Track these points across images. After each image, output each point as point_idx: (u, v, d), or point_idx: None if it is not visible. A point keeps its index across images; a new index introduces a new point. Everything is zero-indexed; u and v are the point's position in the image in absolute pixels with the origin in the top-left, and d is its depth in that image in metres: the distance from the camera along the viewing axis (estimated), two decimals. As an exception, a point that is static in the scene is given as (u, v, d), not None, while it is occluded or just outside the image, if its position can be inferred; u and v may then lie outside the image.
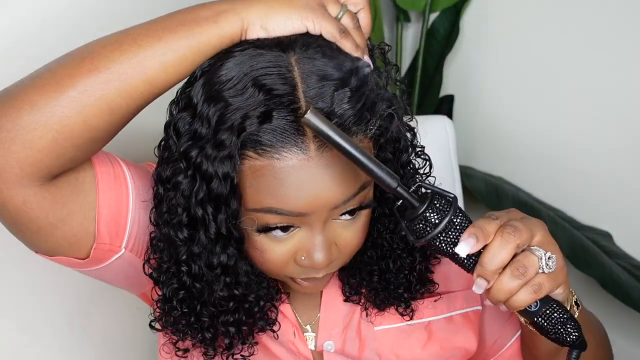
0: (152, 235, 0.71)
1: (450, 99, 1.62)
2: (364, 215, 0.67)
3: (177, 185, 0.64)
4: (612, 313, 1.44)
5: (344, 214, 0.65)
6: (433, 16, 1.58)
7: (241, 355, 0.74)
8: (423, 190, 0.61)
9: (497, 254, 0.56)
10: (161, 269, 0.70)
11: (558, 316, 0.59)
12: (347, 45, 0.64)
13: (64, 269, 0.73)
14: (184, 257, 0.67)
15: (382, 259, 0.75)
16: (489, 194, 1.44)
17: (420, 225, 0.57)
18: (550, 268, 0.58)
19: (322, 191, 0.61)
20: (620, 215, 1.44)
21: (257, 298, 0.72)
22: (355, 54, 0.65)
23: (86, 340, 1.00)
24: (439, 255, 0.73)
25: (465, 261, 0.58)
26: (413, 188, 0.60)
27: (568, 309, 0.62)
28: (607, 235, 1.43)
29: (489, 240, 0.57)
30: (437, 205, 0.57)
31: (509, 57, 1.54)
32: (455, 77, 1.64)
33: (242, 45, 0.63)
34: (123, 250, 0.71)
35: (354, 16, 0.67)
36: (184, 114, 0.63)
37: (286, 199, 0.61)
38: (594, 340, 0.71)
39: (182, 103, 0.65)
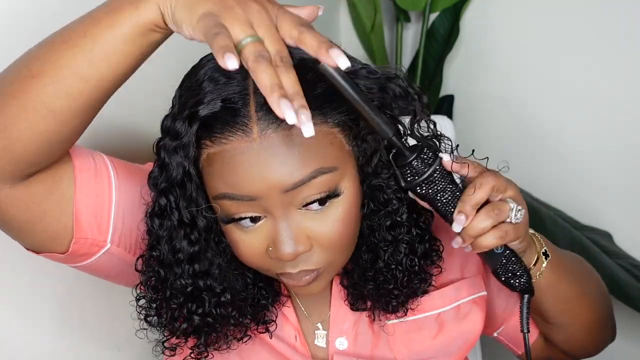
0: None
1: (450, 99, 1.62)
2: (339, 205, 0.66)
3: (150, 175, 0.68)
4: (612, 313, 1.44)
5: (312, 202, 0.64)
6: (433, 16, 1.58)
7: (212, 352, 0.75)
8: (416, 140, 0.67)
9: (476, 192, 0.65)
10: (142, 259, 0.72)
11: (512, 267, 0.70)
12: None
13: (67, 267, 0.74)
14: (154, 242, 0.70)
15: (375, 262, 0.74)
16: (489, 194, 1.44)
17: (408, 172, 0.65)
18: (518, 219, 0.66)
19: (268, 173, 0.61)
20: (620, 215, 1.44)
21: (223, 290, 0.72)
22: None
23: (87, 337, 1.00)
24: (424, 202, 0.71)
25: (445, 209, 0.66)
26: (405, 138, 0.66)
27: (534, 260, 0.73)
28: (607, 235, 1.43)
29: (473, 214, 0.65)
30: (424, 157, 0.64)
31: (509, 57, 1.54)
32: (455, 77, 1.64)
33: None
34: (109, 245, 0.71)
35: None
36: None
37: (235, 182, 0.62)
38: (577, 287, 0.78)
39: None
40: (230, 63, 0.50)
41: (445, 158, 0.65)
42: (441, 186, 0.65)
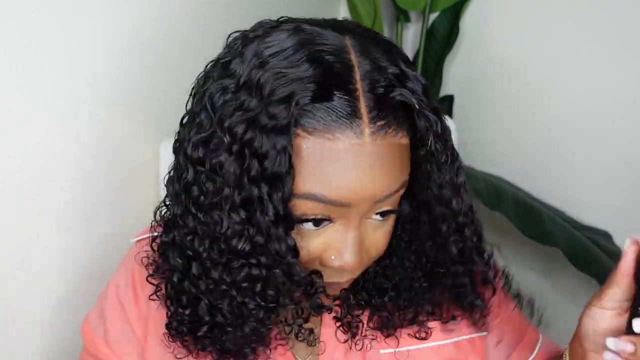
0: (177, 230, 0.62)
1: (450, 99, 1.62)
2: (392, 219, 0.63)
3: (220, 165, 0.56)
4: (612, 313, 1.43)
5: (377, 213, 0.60)
6: (433, 16, 1.58)
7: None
8: None
9: None
10: (216, 267, 0.59)
11: None
12: None
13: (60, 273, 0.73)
14: (247, 246, 0.57)
15: (401, 268, 0.70)
16: (489, 194, 1.44)
17: None
18: None
19: (369, 181, 0.56)
20: (620, 215, 1.44)
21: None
22: None
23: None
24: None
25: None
26: None
27: None
28: (607, 235, 1.43)
29: None
30: None
31: (509, 57, 1.54)
32: (455, 77, 1.64)
33: (290, 23, 0.60)
34: None
35: None
36: (224, 82, 0.57)
37: (332, 184, 0.55)
38: None
39: (218, 73, 0.59)
40: None
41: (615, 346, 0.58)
42: None
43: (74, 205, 0.92)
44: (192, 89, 0.63)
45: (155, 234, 0.69)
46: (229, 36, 0.63)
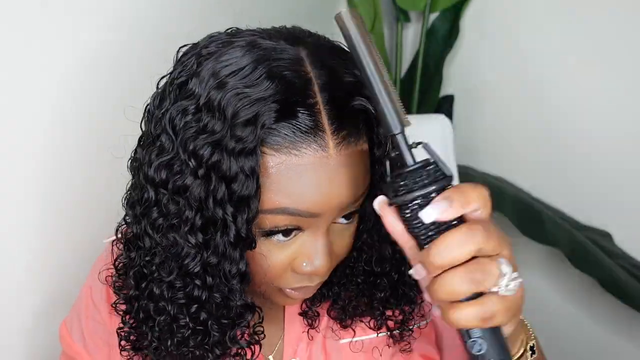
0: (136, 249, 0.64)
1: (450, 99, 1.62)
2: (355, 220, 0.65)
3: (185, 189, 0.57)
4: (612, 313, 1.44)
5: (343, 216, 0.62)
6: (433, 16, 1.58)
7: None
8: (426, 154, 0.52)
9: (453, 249, 0.46)
10: (161, 285, 0.62)
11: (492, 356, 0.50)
12: None
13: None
14: (197, 267, 0.59)
15: (361, 265, 0.71)
16: (489, 194, 1.44)
17: (402, 184, 0.50)
18: (511, 291, 0.47)
19: (337, 190, 0.58)
20: (620, 215, 1.44)
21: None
22: None
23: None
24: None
25: (422, 238, 0.49)
26: (413, 143, 0.51)
27: (519, 353, 0.57)
28: (607, 235, 1.43)
29: (467, 209, 0.47)
30: (430, 171, 0.49)
31: (509, 57, 1.54)
32: (455, 77, 1.64)
33: (245, 36, 0.60)
34: None
35: None
36: (183, 104, 0.57)
37: (302, 198, 0.57)
38: None
39: (175, 94, 0.59)
40: None
41: (428, 215, 0.48)
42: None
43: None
44: (146, 107, 0.62)
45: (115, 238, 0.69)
46: (178, 50, 0.62)
